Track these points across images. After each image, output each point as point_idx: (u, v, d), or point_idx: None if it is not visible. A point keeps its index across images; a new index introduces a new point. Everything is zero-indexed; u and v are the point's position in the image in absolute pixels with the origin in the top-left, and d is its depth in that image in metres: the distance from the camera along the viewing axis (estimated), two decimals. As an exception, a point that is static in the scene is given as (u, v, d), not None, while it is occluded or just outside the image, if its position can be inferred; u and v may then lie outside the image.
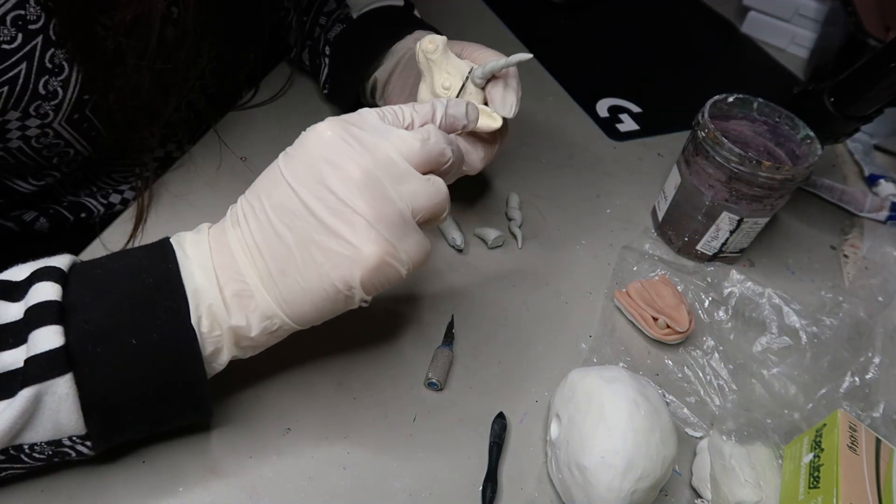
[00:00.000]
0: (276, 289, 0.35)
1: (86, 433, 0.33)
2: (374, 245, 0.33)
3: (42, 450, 0.34)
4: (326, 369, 0.45)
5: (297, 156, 0.35)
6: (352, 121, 0.36)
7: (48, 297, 0.32)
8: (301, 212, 0.34)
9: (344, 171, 0.34)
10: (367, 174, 0.34)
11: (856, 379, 0.48)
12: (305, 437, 0.42)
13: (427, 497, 0.40)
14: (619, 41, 0.88)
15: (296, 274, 0.34)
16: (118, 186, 0.58)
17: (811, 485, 0.39)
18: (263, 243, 0.34)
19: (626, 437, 0.38)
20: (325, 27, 0.62)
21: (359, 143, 0.34)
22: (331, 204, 0.33)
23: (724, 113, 0.57)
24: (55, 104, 0.44)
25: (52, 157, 0.48)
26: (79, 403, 0.32)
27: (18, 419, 0.31)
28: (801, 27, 0.90)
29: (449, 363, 0.46)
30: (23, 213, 0.54)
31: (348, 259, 0.34)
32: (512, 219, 0.58)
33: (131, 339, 0.33)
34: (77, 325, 0.32)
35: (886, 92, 0.53)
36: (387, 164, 0.34)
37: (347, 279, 0.34)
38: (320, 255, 0.34)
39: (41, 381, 0.31)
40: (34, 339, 0.31)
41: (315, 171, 0.34)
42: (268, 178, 0.36)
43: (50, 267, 0.34)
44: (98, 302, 0.33)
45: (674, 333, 0.50)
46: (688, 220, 0.56)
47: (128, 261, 0.36)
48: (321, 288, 0.34)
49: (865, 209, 0.67)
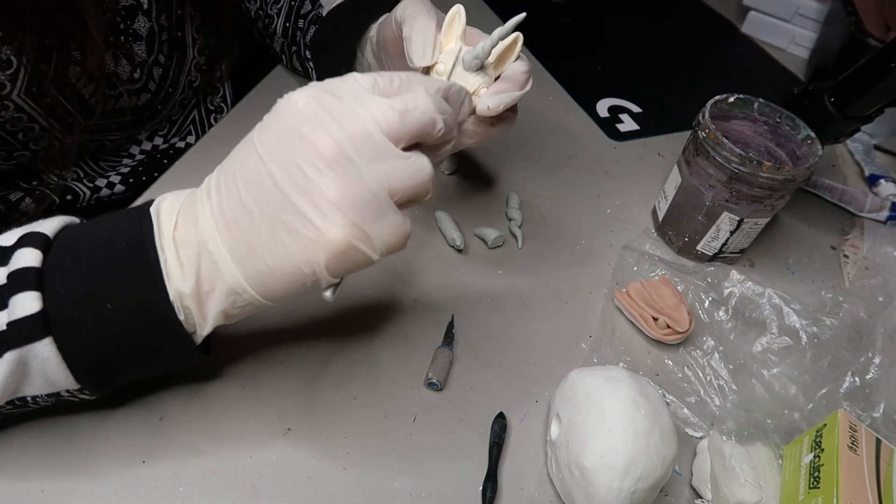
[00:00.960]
0: (244, 266, 0.33)
1: (79, 387, 0.35)
2: (339, 229, 0.31)
3: (45, 399, 0.35)
4: (326, 369, 0.45)
5: (271, 126, 0.33)
6: (330, 88, 0.33)
7: (28, 263, 0.33)
8: (270, 187, 0.32)
9: (313, 145, 0.31)
10: (337, 150, 0.31)
11: (856, 379, 0.48)
12: (305, 437, 0.42)
13: (427, 497, 0.40)
14: (619, 41, 0.88)
15: (264, 252, 0.33)
16: (105, 173, 0.58)
17: (811, 485, 0.39)
18: (233, 218, 0.33)
19: (627, 437, 0.38)
20: (304, 30, 0.62)
21: (332, 115, 0.31)
22: (298, 181, 0.31)
23: (724, 113, 0.57)
24: (10, 73, 0.45)
25: (16, 133, 0.48)
26: (64, 364, 0.33)
27: (9, 378, 0.33)
28: (801, 27, 0.90)
29: (449, 363, 0.46)
30: (8, 194, 0.55)
31: (312, 242, 0.32)
32: (512, 219, 0.58)
33: (106, 304, 0.33)
34: (54, 290, 0.33)
35: (887, 92, 0.53)
36: (361, 138, 0.31)
37: (311, 262, 0.32)
38: (286, 236, 0.32)
39: (22, 346, 0.32)
40: (14, 305, 0.32)
41: (286, 145, 0.32)
42: (242, 149, 0.34)
43: (35, 233, 0.34)
44: (75, 267, 0.33)
45: (674, 333, 0.50)
46: (688, 221, 0.56)
47: (107, 224, 0.35)
48: (287, 269, 0.33)
49: (866, 209, 0.67)
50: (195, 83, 0.61)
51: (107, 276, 0.33)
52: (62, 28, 0.46)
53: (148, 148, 0.60)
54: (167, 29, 0.55)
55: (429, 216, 0.57)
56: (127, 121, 0.56)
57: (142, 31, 0.53)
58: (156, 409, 0.41)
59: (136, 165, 0.60)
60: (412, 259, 0.54)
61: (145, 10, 0.53)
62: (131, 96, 0.54)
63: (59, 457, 0.38)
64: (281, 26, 0.64)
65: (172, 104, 0.59)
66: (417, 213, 0.57)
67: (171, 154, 0.62)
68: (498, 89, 0.44)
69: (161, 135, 0.61)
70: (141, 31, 0.53)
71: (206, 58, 0.60)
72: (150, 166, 0.61)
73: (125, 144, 0.59)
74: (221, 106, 0.66)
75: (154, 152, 0.61)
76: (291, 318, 0.47)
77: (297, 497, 0.39)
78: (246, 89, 0.66)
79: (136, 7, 0.52)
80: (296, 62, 0.65)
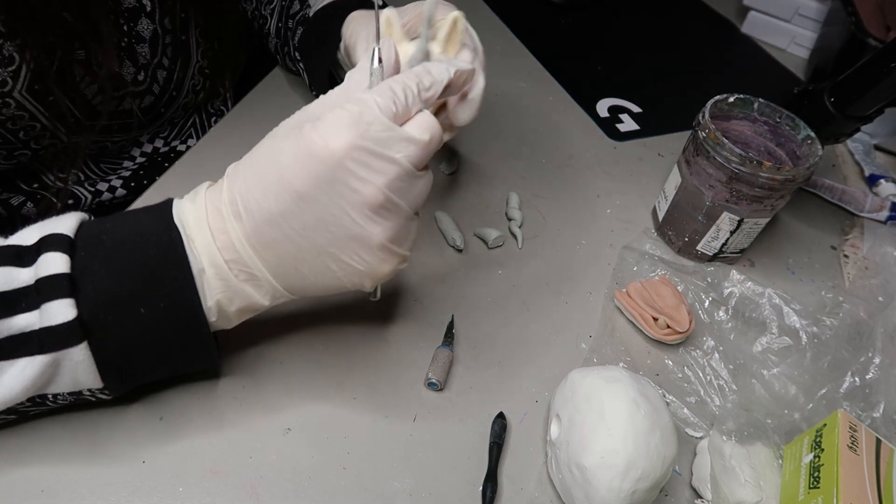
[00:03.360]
0: (285, 280, 0.37)
1: (103, 386, 0.36)
2: (387, 264, 0.36)
3: (64, 397, 0.37)
4: (326, 369, 0.45)
5: (308, 167, 0.33)
6: (361, 131, 0.33)
7: (58, 269, 0.34)
8: (316, 225, 0.34)
9: (360, 195, 0.33)
10: (384, 199, 0.33)
11: (856, 379, 0.48)
12: (305, 437, 0.42)
13: (427, 497, 0.40)
14: (619, 41, 0.88)
15: (308, 272, 0.36)
16: (106, 177, 0.58)
17: (811, 485, 0.39)
18: (272, 243, 0.35)
19: (627, 437, 0.38)
20: (292, 30, 0.62)
21: (373, 162, 0.33)
22: (347, 225, 0.34)
23: (724, 113, 0.57)
24: (12, 70, 0.45)
25: (17, 131, 0.48)
26: (95, 366, 0.35)
27: (38, 378, 0.34)
28: (801, 27, 0.90)
29: (449, 363, 0.46)
30: (10, 198, 0.55)
31: (360, 273, 0.36)
32: (512, 219, 0.58)
33: (140, 307, 0.35)
34: (88, 294, 0.34)
35: (887, 92, 0.53)
36: (400, 179, 0.34)
37: (357, 284, 0.37)
38: (334, 265, 0.35)
39: (58, 350, 0.33)
40: (48, 311, 0.33)
41: (332, 188, 0.33)
42: (271, 178, 0.34)
43: (57, 235, 0.35)
44: (106, 271, 0.34)
45: (674, 333, 0.50)
46: (688, 221, 0.56)
47: (132, 227, 0.36)
48: (332, 286, 0.37)
49: (866, 209, 0.67)
50: (199, 87, 0.61)
51: (140, 281, 0.35)
52: (67, 26, 0.46)
53: (149, 150, 0.60)
54: (171, 32, 0.55)
55: (429, 216, 0.57)
56: (130, 123, 0.56)
57: (145, 34, 0.53)
58: (156, 409, 0.41)
59: (136, 169, 0.60)
60: (412, 259, 0.53)
61: (148, 13, 0.53)
62: (135, 98, 0.54)
63: (59, 457, 0.39)
64: (274, 27, 0.65)
65: (176, 107, 0.59)
66: (417, 213, 0.57)
67: (172, 157, 0.62)
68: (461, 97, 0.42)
69: (162, 137, 0.61)
70: (144, 33, 0.53)
71: (210, 62, 0.60)
72: (150, 169, 0.61)
73: (127, 147, 0.59)
74: (222, 109, 0.66)
75: (154, 155, 0.61)
76: (291, 318, 0.47)
77: (297, 497, 0.39)
78: (245, 90, 0.66)
79: (139, 9, 0.52)
80: (289, 62, 0.65)
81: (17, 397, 0.34)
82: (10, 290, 0.33)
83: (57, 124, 0.49)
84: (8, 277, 0.34)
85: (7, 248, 0.35)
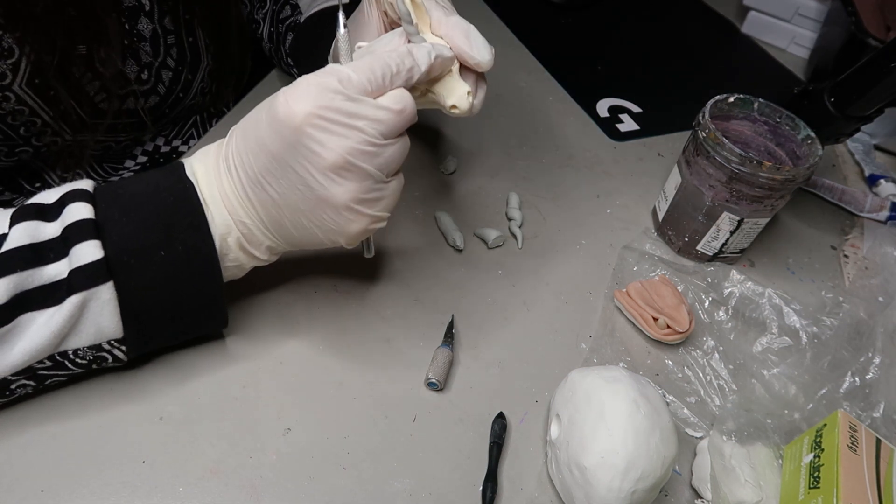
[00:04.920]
0: (272, 234, 0.40)
1: (123, 336, 0.38)
2: (356, 223, 0.38)
3: (84, 354, 0.38)
4: (326, 369, 0.45)
5: (277, 129, 0.35)
6: (328, 99, 0.35)
7: (83, 216, 0.36)
8: (287, 182, 0.36)
9: (323, 158, 0.35)
10: (347, 160, 0.35)
11: (856, 379, 0.48)
12: (305, 437, 0.42)
13: (427, 497, 0.40)
14: (619, 41, 0.88)
15: (290, 228, 0.39)
16: (109, 177, 0.58)
17: (811, 485, 0.39)
18: (256, 200, 0.38)
19: (627, 437, 0.38)
20: (283, 35, 0.62)
21: (338, 126, 0.35)
22: (312, 184, 0.36)
23: (724, 113, 0.57)
24: (11, 63, 0.45)
25: (17, 127, 0.49)
26: (118, 308, 0.37)
27: (66, 324, 0.35)
28: (801, 27, 0.90)
29: (449, 363, 0.46)
30: (14, 198, 0.54)
31: (333, 231, 0.38)
32: (512, 219, 0.58)
33: (160, 251, 0.37)
34: (112, 240, 0.36)
35: (887, 92, 0.53)
36: (366, 144, 0.35)
37: (334, 241, 0.39)
38: (307, 221, 0.38)
39: (87, 289, 0.35)
40: (76, 253, 0.35)
41: (297, 150, 0.35)
42: (254, 137, 0.37)
43: (78, 189, 0.38)
44: (127, 219, 0.37)
45: (674, 333, 0.50)
46: (688, 221, 0.56)
47: (147, 182, 0.39)
48: (314, 241, 0.40)
49: (866, 209, 0.67)
50: (207, 89, 0.60)
51: (159, 228, 0.37)
52: (69, 21, 0.46)
53: (150, 150, 0.60)
54: (173, 33, 0.55)
55: (429, 216, 0.57)
56: (134, 123, 0.56)
57: (145, 33, 0.53)
58: (156, 409, 0.41)
59: (138, 169, 0.60)
60: (412, 259, 0.54)
61: (147, 12, 0.53)
62: (139, 98, 0.54)
63: (59, 457, 0.39)
64: (266, 31, 0.65)
65: (181, 108, 0.59)
66: (417, 213, 0.57)
67: (173, 157, 0.62)
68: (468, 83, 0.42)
69: (164, 136, 0.61)
70: (144, 32, 0.53)
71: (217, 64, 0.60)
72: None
73: (130, 147, 0.59)
74: (223, 109, 0.66)
75: (156, 154, 0.61)
76: (291, 317, 0.47)
77: (297, 497, 0.39)
78: (245, 90, 0.66)
79: (138, 9, 0.52)
80: (283, 66, 0.65)
81: (42, 349, 0.35)
82: (38, 243, 0.35)
83: (61, 122, 0.49)
84: (35, 231, 0.36)
85: (31, 205, 0.37)
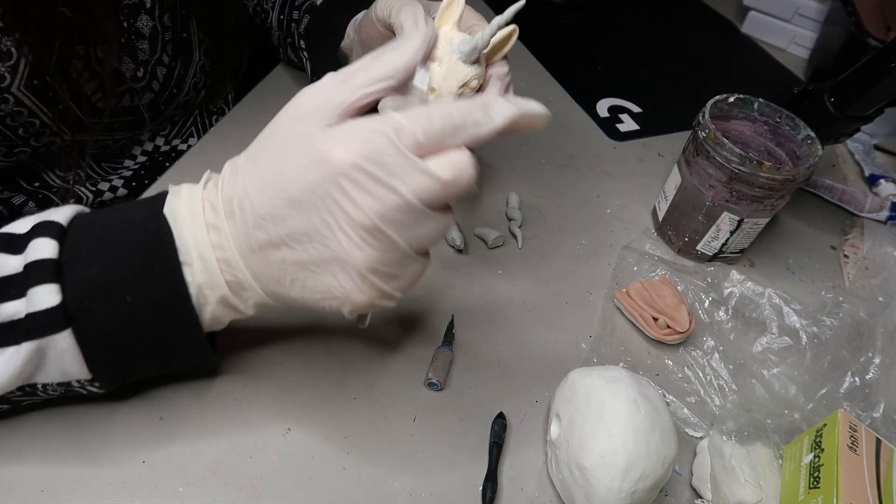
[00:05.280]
0: (271, 290, 0.35)
1: (91, 377, 0.35)
2: (364, 295, 0.33)
3: (55, 388, 0.36)
4: (326, 369, 0.45)
5: (305, 175, 0.31)
6: (368, 151, 0.30)
7: (46, 254, 0.33)
8: (300, 235, 0.32)
9: (348, 215, 0.30)
10: (375, 226, 0.30)
11: (856, 379, 0.48)
12: (305, 437, 0.42)
13: (427, 497, 0.40)
14: (619, 41, 0.88)
15: (289, 286, 0.34)
16: (108, 176, 0.58)
17: (811, 485, 0.39)
18: (258, 247, 0.33)
19: (627, 437, 0.38)
20: (298, 20, 0.62)
21: (371, 186, 0.30)
22: (330, 241, 0.31)
23: (724, 113, 0.57)
24: (10, 65, 0.45)
25: (16, 128, 0.48)
26: (80, 354, 0.34)
27: (25, 366, 0.33)
28: (801, 27, 0.90)
29: (449, 363, 0.46)
30: (12, 197, 0.54)
31: (337, 298, 0.33)
32: (512, 219, 0.58)
33: (125, 295, 0.33)
34: (73, 281, 0.33)
35: (887, 92, 0.53)
36: (401, 211, 0.30)
37: (335, 309, 0.34)
38: (311, 281, 0.33)
39: (43, 337, 0.33)
40: (33, 296, 0.32)
41: (320, 202, 0.31)
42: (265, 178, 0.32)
43: (50, 222, 0.34)
44: (93, 258, 0.34)
45: (674, 333, 0.50)
46: (688, 221, 0.56)
47: (123, 216, 0.35)
48: (310, 303, 0.35)
49: (866, 209, 0.67)
50: (200, 85, 0.61)
51: (126, 269, 0.34)
52: (67, 22, 0.46)
53: (150, 149, 0.60)
54: (171, 29, 0.55)
55: (429, 216, 0.57)
56: (130, 121, 0.56)
57: (145, 30, 0.53)
58: (156, 409, 0.41)
59: (137, 168, 0.60)
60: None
61: (148, 9, 0.53)
62: (135, 95, 0.54)
63: (59, 457, 0.38)
64: (276, 19, 0.65)
65: (176, 105, 0.59)
66: (417, 213, 0.57)
67: (173, 157, 0.62)
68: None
69: (163, 135, 0.61)
70: (144, 29, 0.53)
71: (212, 60, 0.60)
72: (151, 169, 0.61)
73: (128, 146, 0.59)
74: (223, 108, 0.67)
75: (156, 154, 0.61)
76: (291, 318, 0.47)
77: (297, 497, 0.39)
78: (246, 89, 0.66)
79: (138, 6, 0.52)
80: (290, 54, 0.65)
81: (5, 386, 0.34)
82: (1, 277, 0.33)
83: (59, 123, 0.49)
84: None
85: (2, 234, 0.35)
